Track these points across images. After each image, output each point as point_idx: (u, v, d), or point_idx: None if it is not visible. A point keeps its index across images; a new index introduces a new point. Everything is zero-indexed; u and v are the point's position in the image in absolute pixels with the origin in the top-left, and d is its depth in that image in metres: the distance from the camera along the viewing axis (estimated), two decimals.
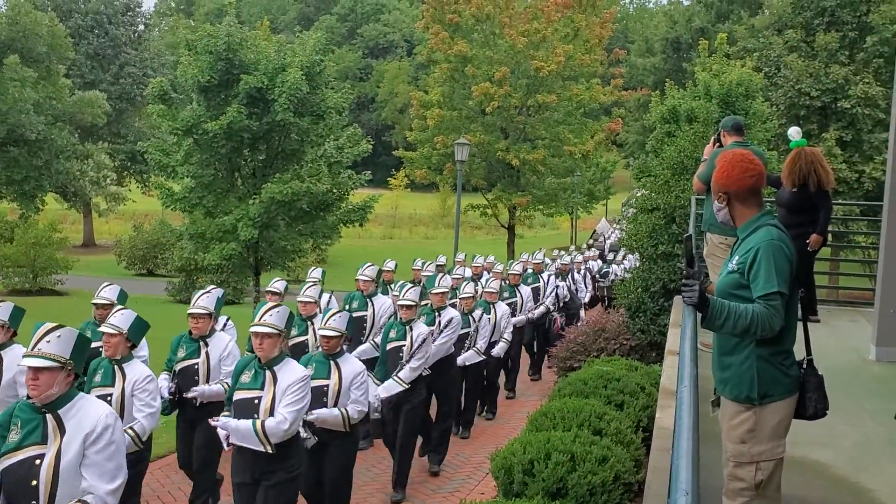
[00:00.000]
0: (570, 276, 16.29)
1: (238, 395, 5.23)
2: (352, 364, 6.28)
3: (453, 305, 10.24)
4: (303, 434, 5.48)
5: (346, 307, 9.44)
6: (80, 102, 35.95)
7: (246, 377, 5.20)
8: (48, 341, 3.74)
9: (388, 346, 7.75)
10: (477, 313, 9.80)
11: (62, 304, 25.99)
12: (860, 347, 7.25)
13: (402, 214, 60.29)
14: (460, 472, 8.44)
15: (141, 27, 56.78)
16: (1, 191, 31.71)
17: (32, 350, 3.74)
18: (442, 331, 8.48)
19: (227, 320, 7.75)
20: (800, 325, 3.48)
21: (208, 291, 6.81)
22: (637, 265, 17.27)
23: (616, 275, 21.90)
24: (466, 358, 9.60)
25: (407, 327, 7.68)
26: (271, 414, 5.06)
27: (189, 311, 6.57)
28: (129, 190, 47.84)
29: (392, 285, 11.04)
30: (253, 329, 5.17)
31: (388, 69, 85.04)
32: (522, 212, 35.88)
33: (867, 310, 8.88)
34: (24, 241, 29.73)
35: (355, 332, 8.93)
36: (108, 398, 5.33)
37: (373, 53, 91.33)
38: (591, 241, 35.36)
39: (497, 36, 34.16)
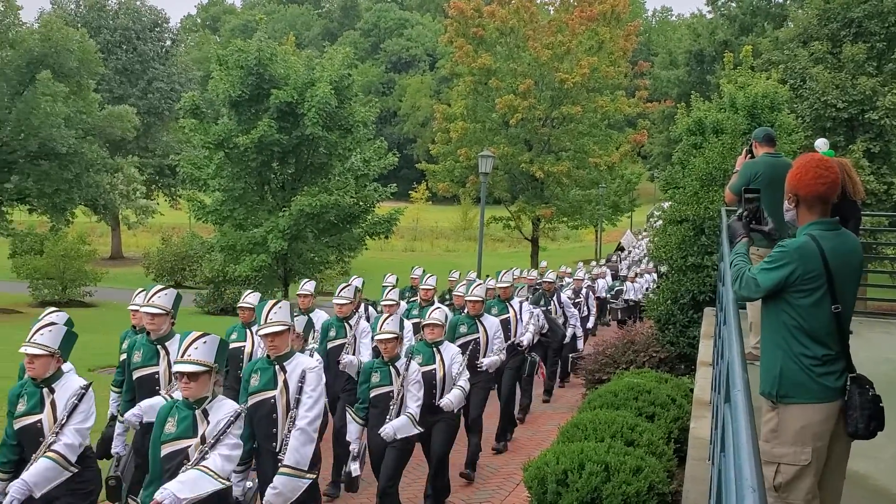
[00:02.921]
0: (554, 298, 12.70)
1: None
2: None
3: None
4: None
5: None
6: (109, 117, 36.55)
7: None
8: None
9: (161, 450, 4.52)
10: (401, 363, 6.44)
11: (91, 315, 26.32)
12: (895, 359, 7.22)
13: (424, 227, 60.46)
14: (490, 482, 8.46)
15: (168, 43, 57.57)
16: (32, 203, 32.26)
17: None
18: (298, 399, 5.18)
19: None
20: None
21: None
22: (653, 285, 16.82)
23: (630, 294, 20.37)
24: (396, 428, 6.30)
25: (196, 412, 4.38)
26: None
27: None
28: (158, 203, 48.41)
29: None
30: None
31: (411, 83, 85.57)
32: (546, 224, 35.87)
33: None
34: (54, 254, 30.20)
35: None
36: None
37: (395, 68, 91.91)
38: (611, 257, 34.95)
39: (521, 49, 34.32)
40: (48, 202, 31.27)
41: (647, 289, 19.65)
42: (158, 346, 5.92)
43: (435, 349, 7.06)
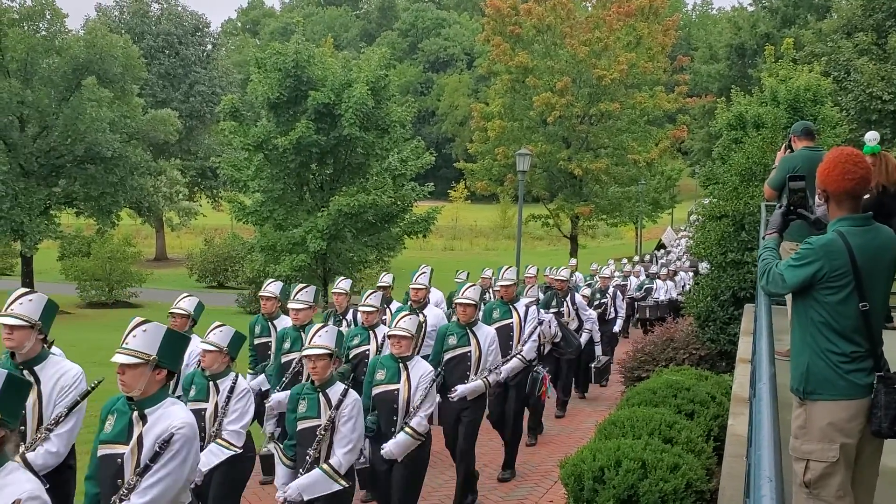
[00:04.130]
0: (568, 299, 11.08)
1: None
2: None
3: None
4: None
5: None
6: (152, 121, 37.23)
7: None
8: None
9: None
10: (334, 391, 4.92)
11: (137, 315, 26.85)
12: None
13: (463, 226, 60.50)
14: (528, 479, 8.47)
15: (209, 47, 58.39)
16: (79, 206, 33.02)
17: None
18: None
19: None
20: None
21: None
22: (689, 284, 16.25)
23: (660, 293, 18.56)
24: (301, 488, 4.96)
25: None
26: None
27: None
28: (200, 205, 49.18)
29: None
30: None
31: (449, 82, 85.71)
32: (585, 221, 35.67)
33: None
34: (101, 255, 30.92)
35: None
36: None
37: (433, 67, 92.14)
38: (644, 256, 34.20)
39: (558, 46, 34.19)
40: (94, 205, 31.96)
41: (683, 286, 18.99)
42: (25, 371, 4.27)
43: (402, 365, 5.76)
